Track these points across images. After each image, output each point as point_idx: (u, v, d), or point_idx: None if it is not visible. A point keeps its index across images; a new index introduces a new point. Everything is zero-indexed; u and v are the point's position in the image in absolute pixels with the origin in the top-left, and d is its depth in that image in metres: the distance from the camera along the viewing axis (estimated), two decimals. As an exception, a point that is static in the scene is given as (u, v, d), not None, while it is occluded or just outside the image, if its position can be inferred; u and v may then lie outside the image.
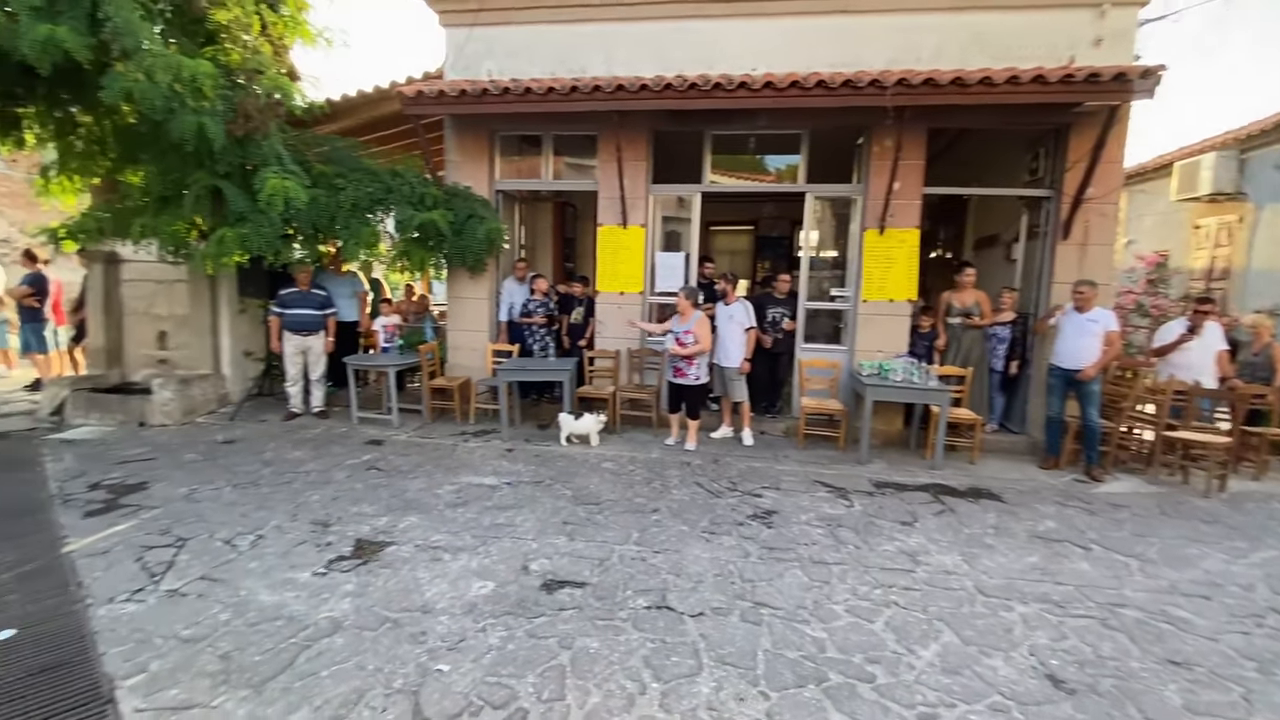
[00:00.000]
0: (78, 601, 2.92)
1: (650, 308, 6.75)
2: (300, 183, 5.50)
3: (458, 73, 6.58)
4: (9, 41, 4.33)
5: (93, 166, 6.18)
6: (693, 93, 5.52)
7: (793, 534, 3.94)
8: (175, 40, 5.09)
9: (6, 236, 12.77)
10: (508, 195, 7.20)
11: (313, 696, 2.31)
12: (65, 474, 4.67)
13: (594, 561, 3.46)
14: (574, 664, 2.55)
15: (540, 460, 5.32)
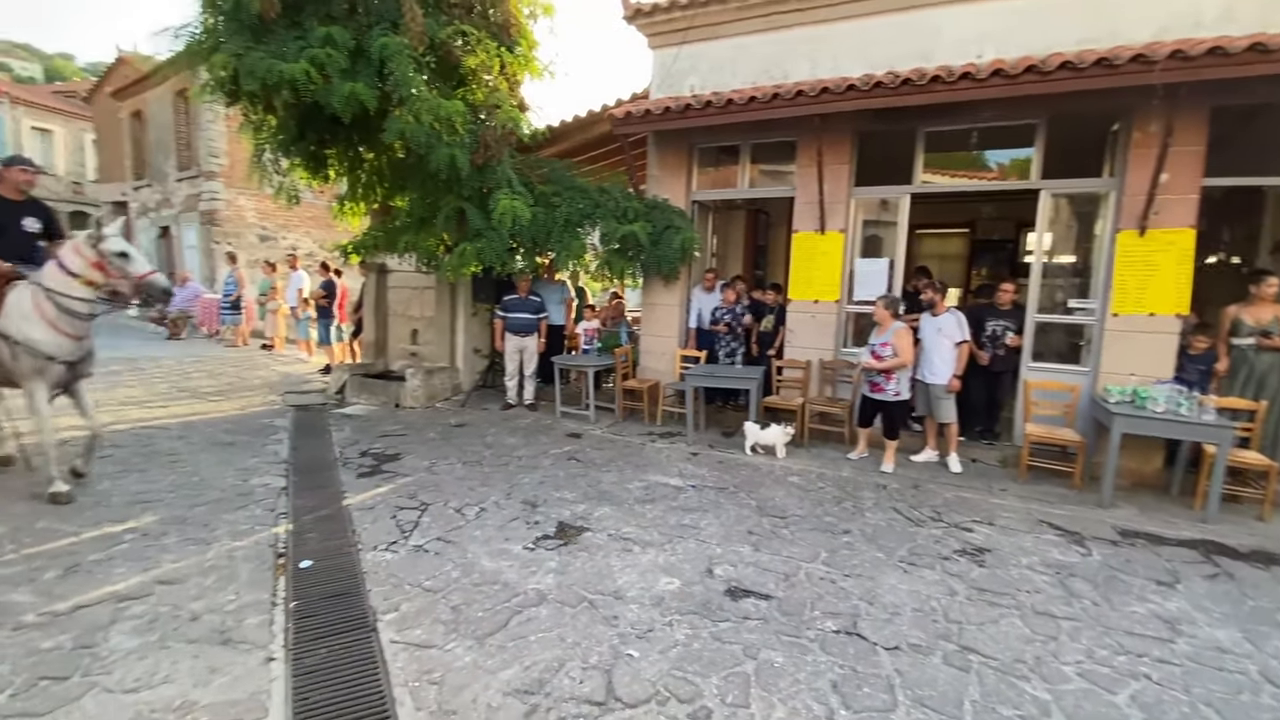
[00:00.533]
0: (352, 546, 3.60)
1: (846, 317, 6.44)
2: (525, 202, 6.21)
3: (663, 91, 6.92)
4: (324, 97, 5.51)
5: (372, 194, 7.62)
6: (906, 89, 5.16)
7: (1010, 577, 3.48)
8: (436, 85, 6.06)
9: (310, 251, 16.26)
10: (703, 205, 7.38)
11: (523, 657, 2.60)
12: (345, 441, 5.80)
13: (779, 575, 3.40)
14: (758, 674, 2.54)
15: (724, 467, 5.36)
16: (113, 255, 3.93)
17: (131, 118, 17.59)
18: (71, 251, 3.96)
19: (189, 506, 4.02)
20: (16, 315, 3.84)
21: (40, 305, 3.85)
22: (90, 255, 3.92)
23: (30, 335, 3.80)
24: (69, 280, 3.88)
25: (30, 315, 3.84)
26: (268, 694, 2.34)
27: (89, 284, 3.91)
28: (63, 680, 2.34)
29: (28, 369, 3.85)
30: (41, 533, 3.53)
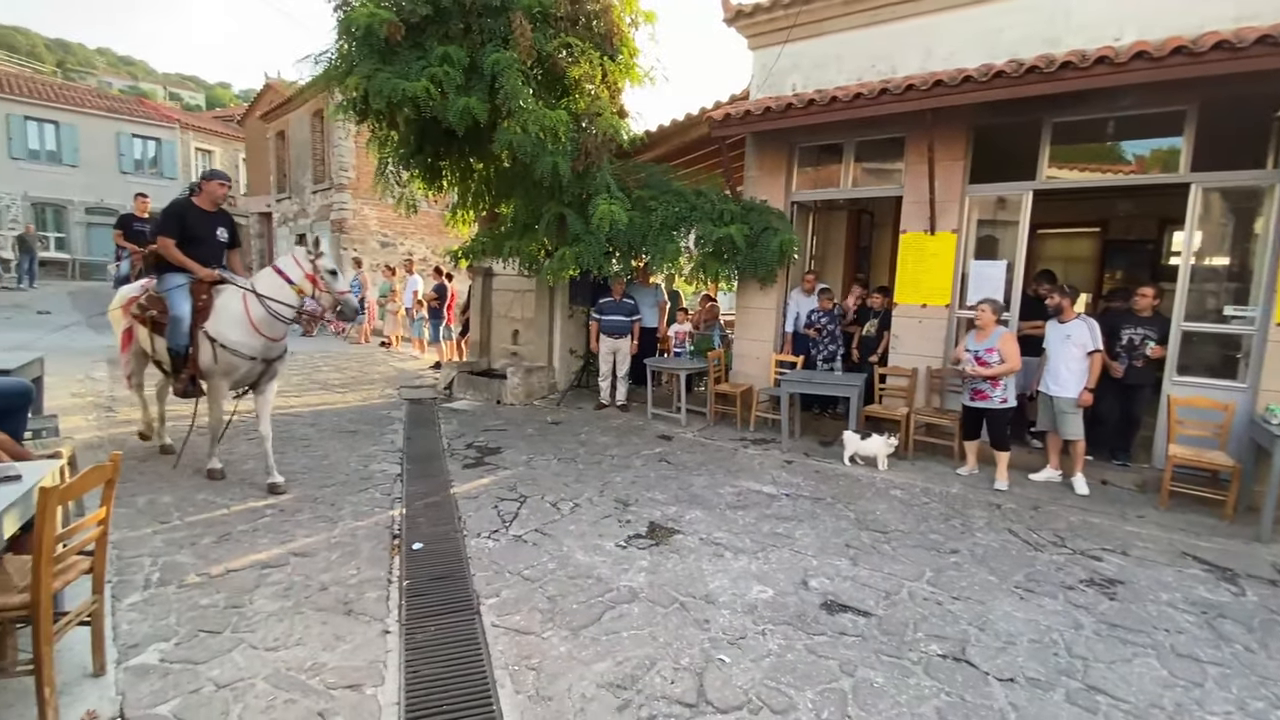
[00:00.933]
0: (458, 532, 3.83)
1: (957, 323, 6.05)
2: (623, 206, 6.34)
3: (764, 91, 6.82)
4: (441, 112, 5.90)
5: (481, 202, 8.06)
6: (1032, 78, 4.77)
7: (1147, 614, 3.13)
8: (542, 97, 6.32)
9: (424, 256, 17.41)
10: (802, 206, 7.21)
11: (615, 651, 2.65)
12: (452, 434, 6.16)
13: (880, 592, 3.25)
14: (856, 692, 2.44)
15: (820, 476, 5.19)
16: (325, 271, 4.36)
17: (276, 137, 19.64)
18: (293, 262, 4.35)
19: (319, 487, 4.43)
20: (225, 319, 4.17)
21: (250, 309, 4.18)
22: (307, 268, 4.32)
23: (236, 338, 4.14)
24: (284, 287, 4.27)
25: (239, 319, 4.16)
26: (384, 664, 2.53)
27: (299, 293, 4.30)
28: (216, 634, 2.66)
29: (225, 367, 4.19)
30: (201, 504, 4.03)
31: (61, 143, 21.77)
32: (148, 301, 4.42)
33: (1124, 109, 5.11)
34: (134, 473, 4.45)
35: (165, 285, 4.27)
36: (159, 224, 4.33)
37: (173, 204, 4.38)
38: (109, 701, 2.23)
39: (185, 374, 4.21)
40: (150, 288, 4.47)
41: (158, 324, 4.30)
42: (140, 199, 7.91)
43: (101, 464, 2.31)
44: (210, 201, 4.45)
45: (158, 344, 4.34)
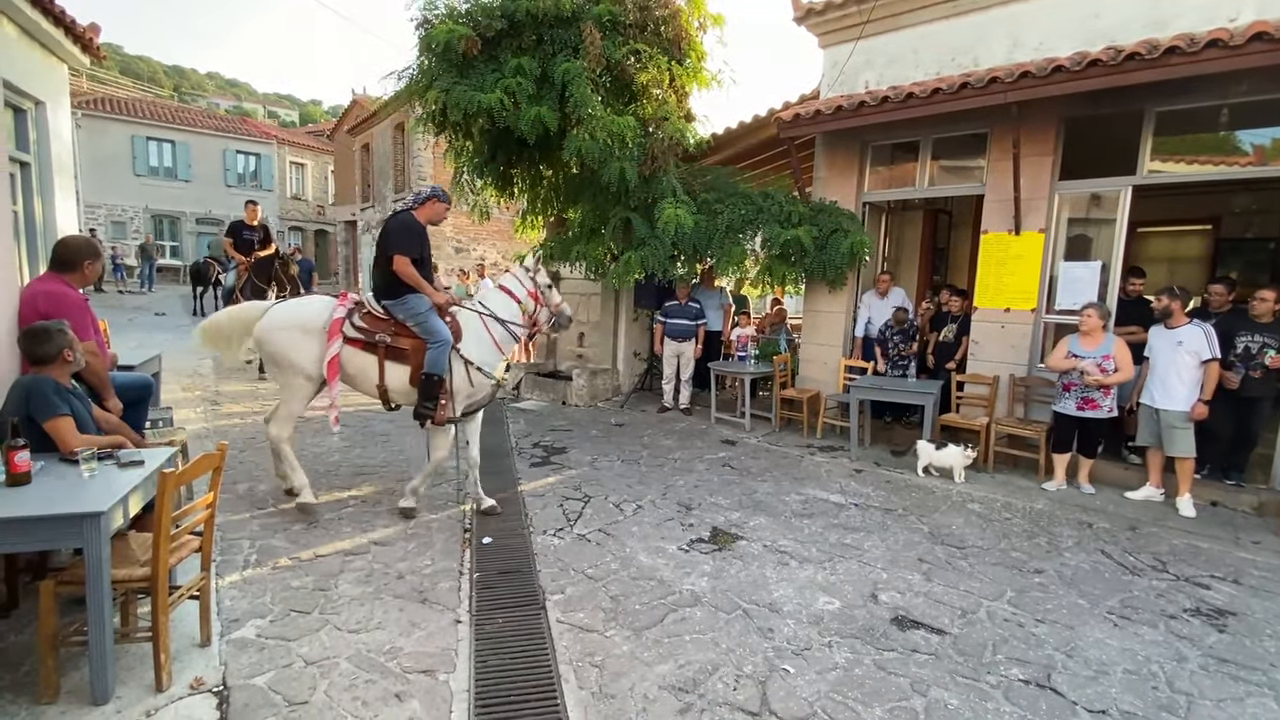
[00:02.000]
0: (525, 528, 3.93)
1: (1044, 328, 5.69)
2: (688, 210, 6.33)
3: (835, 90, 6.66)
4: (514, 121, 6.09)
5: (549, 208, 8.25)
6: (1132, 65, 4.44)
7: (1263, 650, 2.84)
8: (610, 104, 6.42)
9: (495, 261, 18.00)
10: (874, 206, 6.98)
11: (677, 654, 2.65)
12: (519, 433, 6.33)
13: (955, 610, 3.10)
14: (928, 713, 2.34)
15: (892, 487, 5.00)
16: (544, 287, 4.27)
17: (361, 150, 20.86)
18: (516, 280, 4.23)
19: (397, 480, 4.66)
20: (473, 341, 3.96)
21: (490, 330, 4.04)
22: (529, 285, 4.21)
23: (487, 359, 3.97)
24: (512, 305, 4.14)
25: (484, 339, 4.01)
26: (455, 651, 2.64)
27: (522, 309, 4.18)
28: (306, 615, 2.85)
29: (472, 390, 3.98)
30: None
31: (177, 160, 23.95)
32: (370, 323, 3.87)
33: (1240, 95, 4.67)
34: (235, 462, 4.83)
35: (417, 308, 3.85)
36: (398, 240, 3.83)
37: (408, 219, 3.94)
38: (213, 670, 2.43)
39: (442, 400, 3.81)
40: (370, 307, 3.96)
41: (394, 350, 3.84)
42: (251, 206, 8.24)
43: (210, 453, 2.53)
44: (427, 219, 4.04)
45: (393, 372, 3.86)
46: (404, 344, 3.85)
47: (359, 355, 3.87)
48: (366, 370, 3.88)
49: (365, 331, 3.85)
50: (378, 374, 3.86)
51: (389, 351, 3.84)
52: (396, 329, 3.87)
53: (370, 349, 3.85)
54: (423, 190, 4.08)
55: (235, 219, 8.36)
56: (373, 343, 3.83)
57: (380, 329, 3.86)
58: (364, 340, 3.84)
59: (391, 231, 3.90)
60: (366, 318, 3.90)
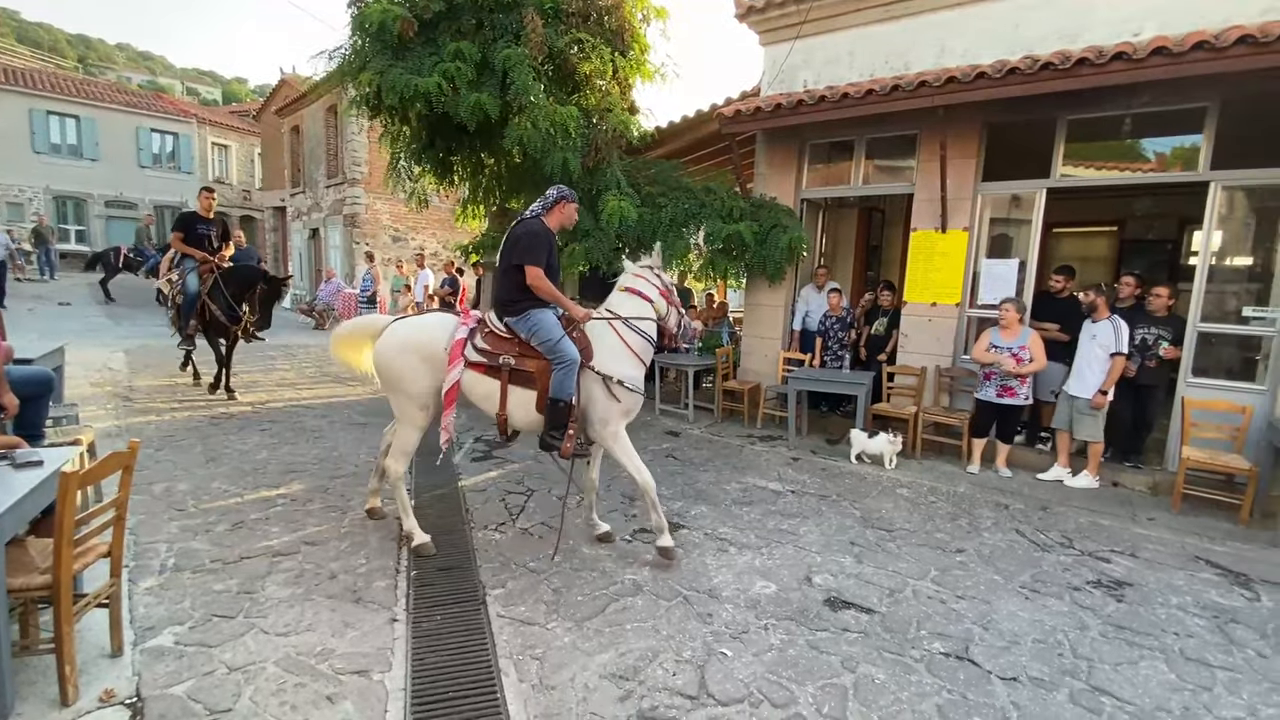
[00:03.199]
0: (465, 524, 3.87)
1: (968, 322, 6.01)
2: (632, 203, 6.34)
3: (775, 88, 6.80)
4: (453, 108, 5.93)
5: (491, 198, 8.09)
6: (1046, 74, 4.73)
7: (1155, 617, 3.11)
8: (552, 93, 6.34)
9: (436, 251, 17.52)
10: (811, 203, 7.18)
11: (618, 643, 2.67)
12: (461, 428, 6.13)
13: (884, 590, 3.25)
14: (857, 688, 2.45)
15: (827, 474, 5.19)
16: (670, 284, 3.74)
17: (291, 132, 19.83)
18: (642, 279, 3.65)
19: (329, 478, 4.50)
20: (607, 353, 3.42)
21: (626, 338, 3.48)
22: (658, 283, 3.66)
23: (630, 372, 3.42)
24: (646, 308, 3.57)
25: (622, 351, 3.45)
26: (391, 650, 2.57)
27: (655, 311, 3.61)
28: (229, 619, 2.71)
29: (627, 407, 3.46)
30: (216, 492, 4.10)
31: (82, 137, 22.10)
32: (492, 344, 3.41)
33: (1142, 106, 5.05)
34: (150, 461, 4.54)
35: (541, 323, 3.36)
36: (528, 249, 3.36)
37: (537, 225, 3.46)
38: (126, 681, 2.29)
39: (572, 428, 3.33)
40: (492, 325, 3.49)
41: (518, 374, 3.37)
42: (206, 195, 6.68)
43: (120, 451, 2.37)
44: (559, 225, 3.61)
45: (518, 398, 3.39)
46: (529, 366, 3.37)
47: (482, 381, 3.40)
48: (490, 397, 3.42)
49: (488, 354, 3.39)
50: (499, 401, 3.40)
51: (513, 376, 3.37)
52: (521, 349, 3.40)
53: (493, 373, 3.39)
54: (550, 193, 3.57)
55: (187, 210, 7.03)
56: (496, 366, 3.37)
57: (504, 350, 3.39)
58: (486, 364, 3.39)
59: (520, 239, 3.40)
60: (489, 338, 3.43)
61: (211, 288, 6.34)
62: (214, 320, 6.33)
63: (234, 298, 6.29)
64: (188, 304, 6.32)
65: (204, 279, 6.39)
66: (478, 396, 3.44)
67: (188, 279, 6.35)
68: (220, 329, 6.39)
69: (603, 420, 3.41)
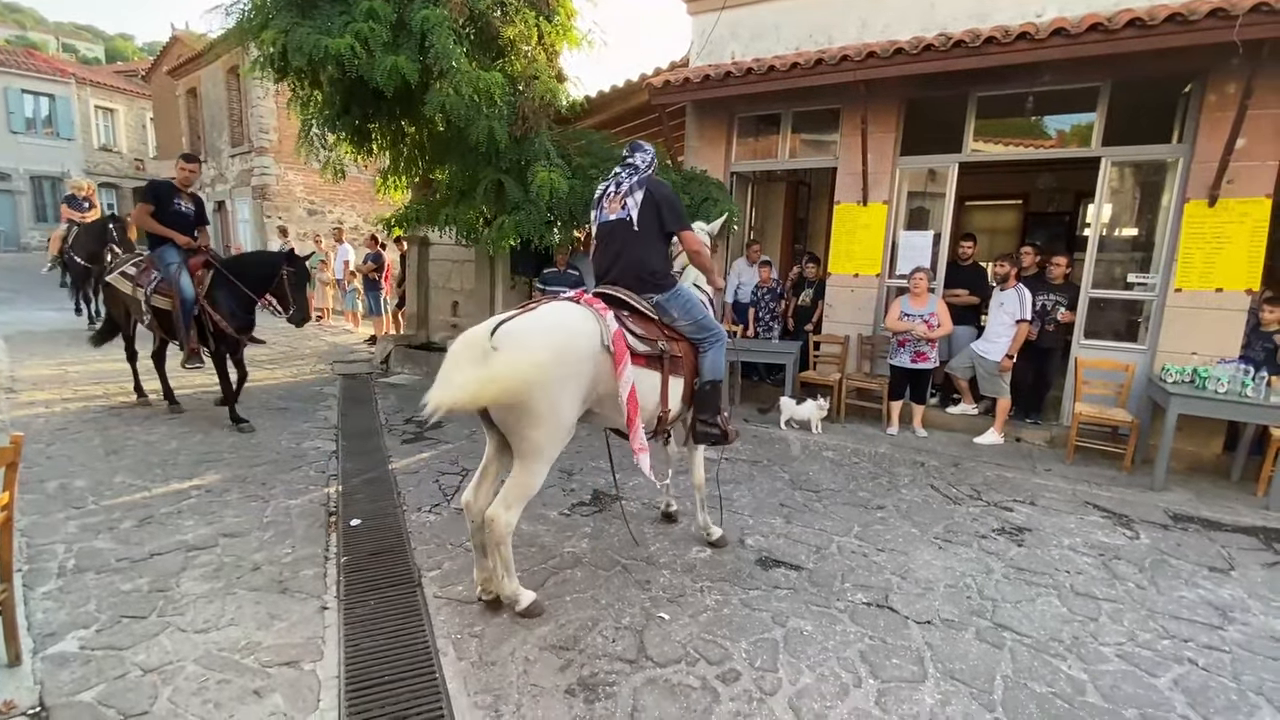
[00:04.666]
0: (398, 507, 3.77)
1: (887, 291, 6.29)
2: (563, 174, 6.21)
3: (702, 59, 6.78)
4: (367, 72, 5.58)
5: (414, 168, 7.73)
6: (958, 52, 4.94)
7: (1050, 557, 3.42)
8: (475, 57, 6.07)
9: (356, 225, 16.67)
10: (741, 176, 7.26)
11: (558, 615, 2.70)
12: (390, 409, 6.01)
13: (811, 548, 3.42)
14: (787, 641, 2.58)
15: (758, 441, 5.36)
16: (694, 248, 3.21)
17: (187, 95, 18.19)
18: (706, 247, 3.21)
19: (248, 466, 4.26)
20: None
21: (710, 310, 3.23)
22: None
23: None
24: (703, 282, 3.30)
25: None
26: (322, 639, 2.50)
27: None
28: (142, 619, 2.56)
29: None
30: (119, 487, 3.81)
31: (-65, 97, 19.56)
32: (646, 329, 2.85)
33: (1044, 84, 5.35)
34: (40, 457, 4.17)
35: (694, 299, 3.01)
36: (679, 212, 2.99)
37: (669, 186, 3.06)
38: (27, 691, 2.12)
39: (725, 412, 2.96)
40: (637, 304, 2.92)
41: (675, 361, 2.92)
42: (187, 164, 5.17)
43: (1, 446, 2.16)
44: None
45: (675, 391, 2.94)
46: (677, 350, 2.92)
47: (645, 378, 2.79)
48: (650, 392, 2.83)
49: (647, 341, 2.80)
50: (660, 395, 2.85)
51: (673, 364, 2.88)
52: (666, 332, 2.94)
53: (654, 364, 2.83)
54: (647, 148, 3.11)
55: (160, 179, 5.33)
56: (657, 356, 2.82)
57: (656, 335, 2.87)
58: (648, 354, 2.79)
59: (665, 202, 2.91)
60: (638, 321, 2.84)
61: (211, 288, 4.90)
62: (218, 332, 4.92)
63: (246, 298, 5.03)
64: (185, 313, 4.81)
65: (197, 276, 4.91)
66: (641, 394, 2.75)
67: (180, 280, 4.79)
68: (228, 342, 5.03)
69: None
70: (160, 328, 5.06)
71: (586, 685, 2.28)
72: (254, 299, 5.11)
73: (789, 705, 2.22)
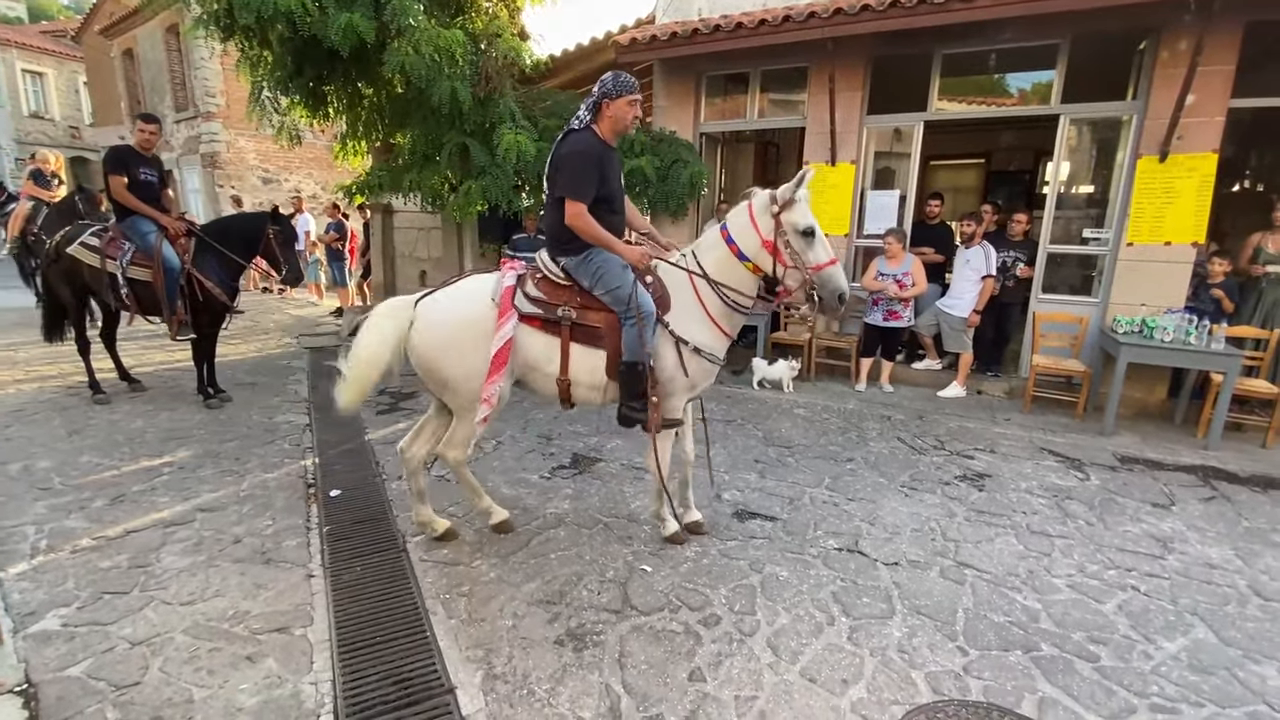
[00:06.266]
0: (377, 477, 3.78)
1: (855, 251, 6.40)
2: (529, 137, 6.09)
3: (669, 16, 6.65)
4: (321, 30, 5.35)
5: (374, 132, 7.47)
6: (923, 8, 4.94)
7: (1008, 500, 3.62)
8: (434, 14, 5.85)
9: (314, 193, 16.11)
10: (711, 138, 7.22)
11: (544, 572, 2.78)
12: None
13: (785, 500, 3.55)
14: (764, 586, 2.71)
15: (732, 401, 5.48)
16: (794, 232, 2.64)
17: (123, 57, 17.10)
18: (743, 221, 2.74)
19: (220, 442, 4.20)
20: (683, 312, 2.79)
21: (702, 297, 2.79)
22: (761, 230, 2.69)
23: (702, 338, 2.78)
24: (736, 266, 2.76)
25: (696, 312, 2.79)
26: (311, 605, 2.54)
27: (755, 270, 2.76)
28: (123, 595, 2.55)
29: (693, 380, 2.83)
30: (86, 466, 3.73)
31: None
32: (549, 293, 2.79)
33: (1006, 41, 5.40)
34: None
35: (608, 268, 2.72)
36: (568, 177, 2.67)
37: (581, 140, 2.71)
38: (11, 669, 2.12)
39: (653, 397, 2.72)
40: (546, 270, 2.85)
41: (582, 330, 2.76)
42: (147, 126, 4.78)
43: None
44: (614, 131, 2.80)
45: (582, 360, 2.78)
46: (594, 320, 2.75)
47: (537, 339, 2.77)
48: (548, 358, 2.78)
49: (544, 304, 2.76)
50: (559, 363, 2.78)
51: (575, 332, 2.77)
52: (583, 299, 2.78)
53: (551, 328, 2.77)
54: (592, 91, 2.73)
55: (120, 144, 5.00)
56: (554, 320, 2.76)
57: (563, 300, 2.77)
58: (543, 317, 2.76)
59: (558, 163, 2.72)
60: (543, 285, 2.81)
61: (196, 255, 4.69)
62: (209, 300, 4.68)
63: (234, 265, 4.81)
64: (171, 283, 4.56)
65: (180, 244, 4.66)
66: (533, 357, 2.78)
67: (164, 251, 4.55)
68: (215, 310, 4.81)
69: (675, 387, 2.79)
70: (138, 302, 4.70)
71: (575, 635, 2.37)
72: (242, 264, 4.89)
73: (767, 644, 2.34)
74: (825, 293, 2.68)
